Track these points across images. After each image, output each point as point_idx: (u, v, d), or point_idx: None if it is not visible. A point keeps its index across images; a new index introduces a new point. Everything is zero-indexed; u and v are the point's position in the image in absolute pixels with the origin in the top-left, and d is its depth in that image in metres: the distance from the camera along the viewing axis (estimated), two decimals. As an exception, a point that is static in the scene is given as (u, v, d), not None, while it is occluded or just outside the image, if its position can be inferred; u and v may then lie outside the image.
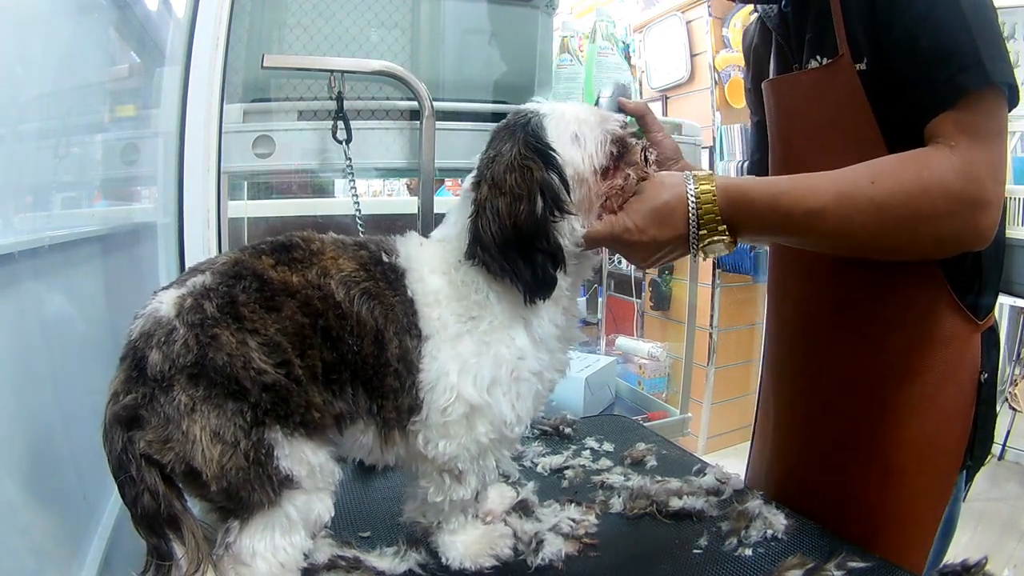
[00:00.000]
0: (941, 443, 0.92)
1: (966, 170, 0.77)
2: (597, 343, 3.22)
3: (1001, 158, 0.80)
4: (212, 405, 0.67)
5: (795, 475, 1.07)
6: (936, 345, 0.91)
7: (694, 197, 0.81)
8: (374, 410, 0.77)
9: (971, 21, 0.78)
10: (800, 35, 0.97)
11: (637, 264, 0.87)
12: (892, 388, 0.93)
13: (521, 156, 0.77)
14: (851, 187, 0.80)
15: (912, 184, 0.78)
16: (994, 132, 0.80)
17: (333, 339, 0.73)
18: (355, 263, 0.77)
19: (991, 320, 0.93)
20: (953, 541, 0.97)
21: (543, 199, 0.76)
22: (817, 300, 1.02)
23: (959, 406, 0.92)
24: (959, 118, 0.79)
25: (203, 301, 0.70)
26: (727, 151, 3.46)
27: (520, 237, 0.76)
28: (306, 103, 1.59)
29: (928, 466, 0.92)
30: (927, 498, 0.93)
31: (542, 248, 0.77)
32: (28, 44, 0.89)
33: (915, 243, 0.83)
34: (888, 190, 0.78)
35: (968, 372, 0.91)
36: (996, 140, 0.80)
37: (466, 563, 0.85)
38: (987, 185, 0.78)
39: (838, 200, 0.80)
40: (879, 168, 0.80)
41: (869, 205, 0.79)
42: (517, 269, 0.76)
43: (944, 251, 0.85)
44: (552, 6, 1.92)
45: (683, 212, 0.81)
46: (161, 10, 1.65)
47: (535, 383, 0.82)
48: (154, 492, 0.67)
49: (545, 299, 0.79)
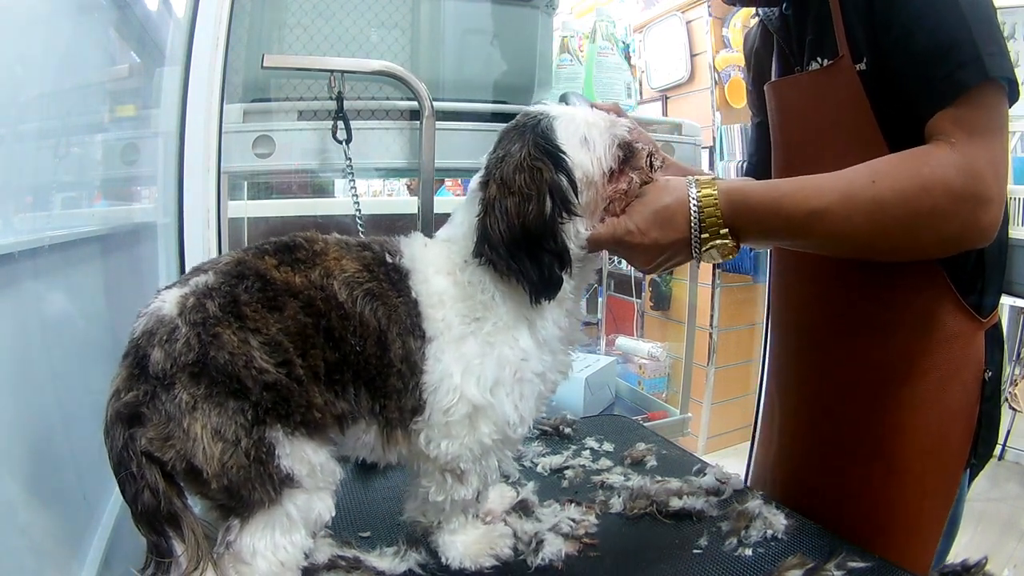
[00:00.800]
0: (946, 442, 0.91)
1: (967, 166, 0.77)
2: (597, 343, 3.23)
3: (1002, 154, 0.80)
4: (213, 403, 0.67)
5: (798, 476, 1.07)
6: (939, 344, 0.90)
7: (696, 200, 0.81)
8: (377, 410, 0.77)
9: (969, 17, 0.77)
10: (801, 37, 0.97)
11: (640, 268, 0.87)
12: (896, 388, 0.92)
13: (531, 157, 0.77)
14: (852, 187, 0.79)
15: (913, 182, 0.78)
16: (994, 128, 0.79)
17: (336, 339, 0.73)
18: (358, 264, 0.77)
19: (995, 318, 0.93)
20: (953, 541, 0.97)
21: (552, 200, 0.77)
22: (819, 301, 1.02)
23: (963, 405, 0.91)
24: (958, 115, 0.78)
25: (205, 300, 0.70)
26: (727, 151, 3.46)
27: (528, 237, 0.76)
28: (306, 103, 1.59)
29: (933, 465, 0.92)
30: (932, 497, 0.92)
31: (549, 249, 0.77)
32: (28, 44, 0.89)
33: (917, 242, 0.82)
34: (889, 188, 0.78)
35: (972, 370, 0.91)
36: (996, 136, 0.80)
37: (466, 563, 0.85)
38: (988, 181, 0.78)
39: (840, 201, 0.79)
40: (879, 167, 0.80)
41: (870, 205, 0.78)
42: (524, 269, 0.76)
43: (946, 249, 0.84)
44: (552, 6, 1.92)
45: (685, 215, 0.81)
46: (161, 10, 1.65)
47: (538, 384, 0.82)
48: (154, 489, 0.67)
49: (551, 300, 0.79)
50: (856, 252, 0.88)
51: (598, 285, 3.59)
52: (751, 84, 1.20)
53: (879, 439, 0.94)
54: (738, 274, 3.43)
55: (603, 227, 0.82)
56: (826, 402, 1.02)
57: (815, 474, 1.03)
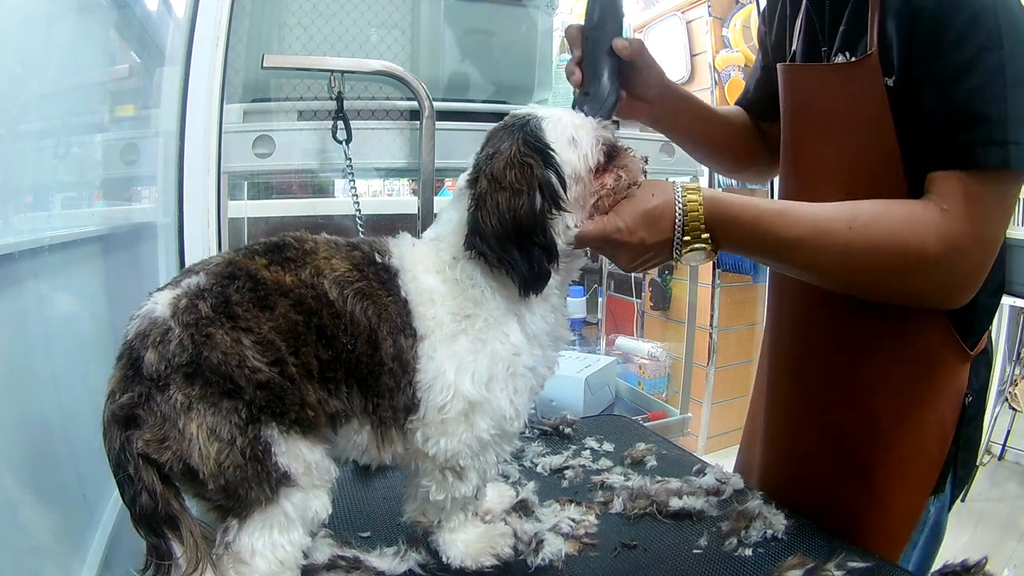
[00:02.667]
0: (916, 463, 0.92)
1: (951, 239, 0.77)
2: (597, 343, 3.23)
3: (995, 237, 0.80)
4: (208, 403, 0.67)
5: (781, 467, 1.08)
6: (922, 367, 0.91)
7: (681, 204, 0.83)
8: (370, 409, 0.77)
9: (1009, 96, 0.75)
10: (835, 21, 0.93)
11: (621, 266, 0.88)
12: (876, 405, 0.93)
13: (521, 153, 0.79)
14: (828, 226, 0.81)
15: (888, 241, 0.79)
16: (996, 210, 0.79)
17: (328, 337, 0.74)
18: (348, 263, 0.77)
19: (983, 345, 0.93)
20: (953, 541, 0.98)
21: (541, 195, 0.78)
22: (813, 314, 1.02)
23: (938, 431, 0.92)
24: (966, 183, 0.77)
25: (198, 301, 0.70)
26: (727, 151, 3.45)
27: (518, 231, 0.77)
28: (306, 103, 1.60)
29: (899, 486, 0.93)
30: (894, 516, 0.93)
31: (539, 242, 0.78)
32: (28, 44, 0.89)
33: (878, 293, 0.85)
34: (862, 239, 0.80)
35: (953, 397, 0.91)
36: (996, 216, 0.79)
37: (467, 562, 0.85)
38: (971, 257, 0.79)
39: (812, 236, 0.82)
40: (860, 214, 0.81)
41: (840, 248, 0.81)
42: (514, 261, 0.77)
43: (909, 303, 0.86)
44: (552, 6, 1.92)
45: (671, 217, 0.83)
46: (161, 10, 1.65)
47: (530, 378, 0.83)
48: (152, 491, 0.67)
49: (539, 293, 0.80)
50: (822, 284, 0.90)
51: (598, 285, 3.59)
52: (765, 27, 1.13)
53: (857, 449, 0.95)
54: (738, 274, 3.42)
55: (592, 225, 0.83)
56: (806, 411, 1.03)
57: (789, 477, 1.05)
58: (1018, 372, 3.14)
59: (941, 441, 0.92)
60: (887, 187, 0.85)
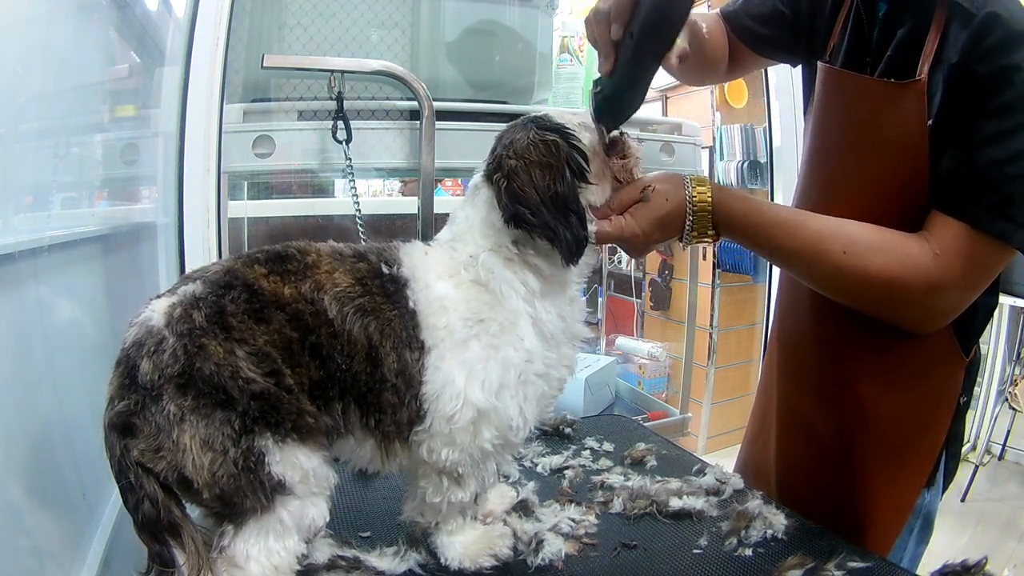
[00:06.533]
0: (911, 457, 0.96)
1: (937, 280, 0.83)
2: (597, 343, 3.23)
3: (977, 289, 0.86)
4: (200, 414, 0.67)
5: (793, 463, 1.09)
6: (924, 366, 0.94)
7: (691, 202, 0.88)
8: (371, 424, 0.77)
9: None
10: (885, 38, 0.92)
11: (633, 256, 0.93)
12: (881, 400, 0.96)
13: (541, 134, 0.81)
14: (823, 245, 0.87)
15: (878, 271, 0.85)
16: (985, 270, 0.85)
17: (323, 357, 0.73)
18: (351, 277, 0.76)
19: (975, 355, 0.97)
20: (953, 541, 0.99)
21: (569, 167, 0.81)
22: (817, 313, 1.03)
23: (934, 426, 0.96)
24: (966, 240, 0.82)
25: (192, 311, 0.69)
26: (727, 151, 3.46)
27: (554, 200, 0.79)
28: (306, 103, 1.59)
29: (897, 480, 0.96)
30: (887, 510, 0.96)
31: (574, 210, 0.80)
32: (28, 44, 0.89)
33: (857, 308, 0.92)
34: (853, 265, 0.85)
35: (950, 395, 0.96)
36: (982, 276, 0.86)
37: (465, 563, 0.85)
38: (951, 300, 0.86)
39: (807, 250, 0.88)
40: (857, 240, 0.86)
41: (832, 269, 0.87)
42: (557, 227, 0.78)
43: (893, 323, 0.91)
44: (552, 6, 1.92)
45: (682, 218, 0.89)
46: (161, 10, 1.65)
47: (541, 385, 0.82)
48: (153, 499, 0.67)
49: (579, 259, 0.81)
50: (813, 288, 0.96)
51: (598, 285, 3.60)
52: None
53: (854, 447, 0.97)
54: (738, 274, 3.43)
55: (611, 227, 0.87)
56: (808, 404, 1.05)
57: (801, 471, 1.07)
58: (1018, 372, 3.15)
59: (936, 437, 0.96)
60: (903, 212, 0.88)
